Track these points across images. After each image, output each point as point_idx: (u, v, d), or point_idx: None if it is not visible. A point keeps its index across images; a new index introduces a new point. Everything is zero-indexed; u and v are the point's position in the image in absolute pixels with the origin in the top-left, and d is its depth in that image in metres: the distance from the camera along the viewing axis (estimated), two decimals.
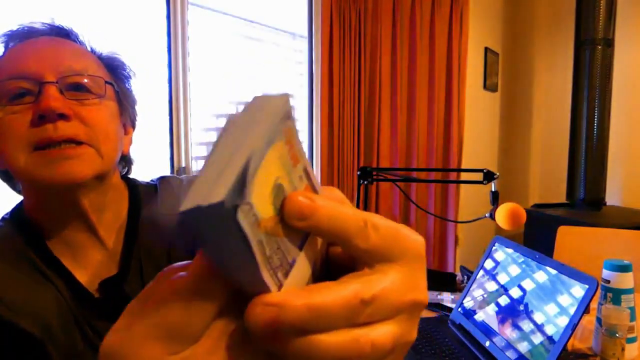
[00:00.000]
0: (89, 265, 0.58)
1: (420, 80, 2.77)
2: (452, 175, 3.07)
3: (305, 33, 2.46)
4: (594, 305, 1.00)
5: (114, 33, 1.58)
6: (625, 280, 0.99)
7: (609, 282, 1.00)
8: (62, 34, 0.58)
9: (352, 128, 2.51)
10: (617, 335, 0.91)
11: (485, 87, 3.40)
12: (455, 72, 2.87)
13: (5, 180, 0.60)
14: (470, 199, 3.15)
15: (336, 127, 2.46)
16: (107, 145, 0.55)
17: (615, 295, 0.99)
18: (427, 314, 1.24)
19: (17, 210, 0.59)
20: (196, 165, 1.95)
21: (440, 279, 1.40)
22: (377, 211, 2.67)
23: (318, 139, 2.45)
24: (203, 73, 1.95)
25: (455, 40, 2.84)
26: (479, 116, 3.36)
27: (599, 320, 0.98)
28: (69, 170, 0.51)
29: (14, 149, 0.50)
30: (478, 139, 3.36)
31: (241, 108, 0.20)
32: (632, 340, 0.97)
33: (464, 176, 2.95)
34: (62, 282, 0.55)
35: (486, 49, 3.37)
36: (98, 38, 0.65)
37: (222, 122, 2.07)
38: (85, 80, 0.54)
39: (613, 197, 2.99)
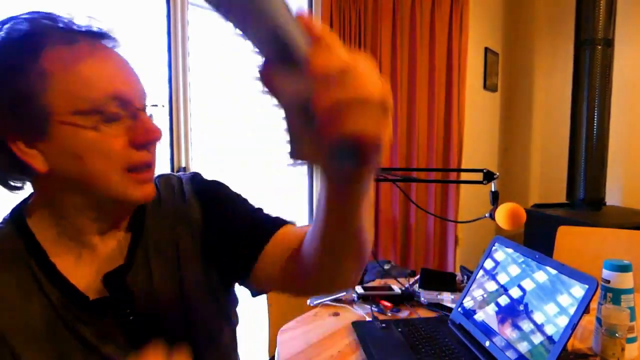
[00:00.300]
0: (98, 260, 0.60)
1: (420, 80, 2.77)
2: (452, 175, 3.07)
3: None
4: (594, 305, 1.01)
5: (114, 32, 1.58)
6: (625, 280, 0.99)
7: (609, 282, 1.00)
8: (110, 41, 0.59)
9: None
10: (617, 335, 0.91)
11: (485, 87, 3.40)
12: (455, 72, 2.87)
13: (14, 182, 0.58)
14: (470, 199, 3.15)
15: None
16: None
17: (615, 295, 0.99)
18: (427, 313, 1.24)
19: (18, 213, 0.60)
20: (196, 166, 1.95)
21: (440, 279, 1.40)
22: (377, 211, 2.67)
23: None
24: (203, 73, 1.95)
25: (455, 40, 2.84)
26: (479, 116, 3.36)
27: (599, 320, 0.98)
28: (150, 191, 0.58)
29: (107, 168, 0.53)
30: (478, 139, 3.36)
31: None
32: (632, 340, 0.97)
33: (464, 176, 2.95)
34: (57, 290, 0.56)
35: (486, 49, 3.37)
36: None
37: (222, 123, 2.07)
38: (151, 106, 0.59)
39: (613, 197, 2.99)
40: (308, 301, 1.32)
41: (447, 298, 1.31)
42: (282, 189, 2.37)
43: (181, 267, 0.63)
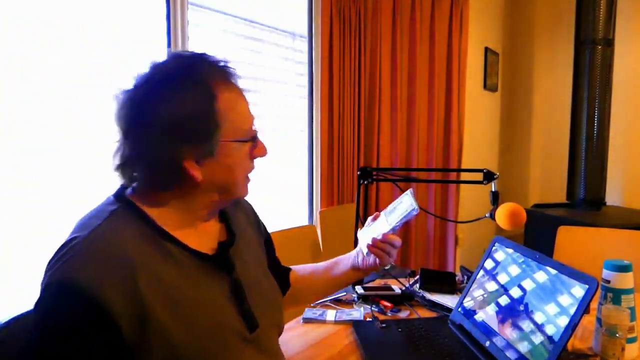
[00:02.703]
0: (209, 237, 0.78)
1: (420, 80, 2.77)
2: (452, 175, 3.08)
3: (305, 33, 2.46)
4: (594, 305, 1.00)
5: (114, 33, 1.58)
6: (625, 280, 0.99)
7: (609, 282, 1.00)
8: (238, 78, 0.76)
9: (352, 128, 2.51)
10: (617, 335, 0.91)
11: (485, 87, 3.41)
12: (455, 72, 2.87)
13: (169, 182, 0.72)
14: (470, 199, 3.15)
15: (336, 127, 2.46)
16: None
17: (615, 295, 0.99)
18: (427, 313, 1.24)
19: (124, 200, 0.71)
20: None
21: (440, 279, 1.40)
22: (377, 211, 2.66)
23: (318, 139, 2.44)
24: None
25: (455, 40, 2.84)
26: (479, 116, 3.36)
27: (599, 320, 0.98)
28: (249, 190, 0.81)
29: (241, 173, 0.77)
30: (478, 139, 3.36)
31: None
32: (632, 340, 0.97)
33: (464, 176, 2.95)
34: (181, 250, 0.70)
35: (486, 49, 3.37)
36: (98, 38, 0.66)
37: None
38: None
39: (613, 197, 2.99)
40: None
41: (447, 298, 1.31)
42: (282, 189, 2.37)
43: (253, 250, 0.88)
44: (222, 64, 0.73)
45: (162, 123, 0.66)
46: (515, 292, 1.01)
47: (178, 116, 0.67)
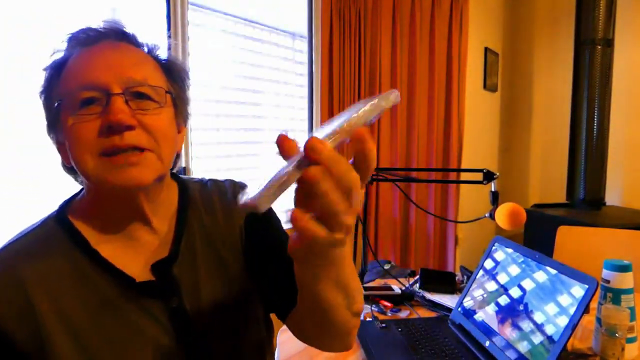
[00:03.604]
0: (143, 252, 0.63)
1: (420, 80, 2.77)
2: (452, 175, 3.07)
3: (305, 33, 2.46)
4: (594, 305, 1.01)
5: None
6: (625, 280, 0.99)
7: (609, 282, 1.00)
8: (123, 37, 0.62)
9: None
10: (617, 335, 0.91)
11: (485, 87, 3.40)
12: (455, 72, 2.87)
13: (69, 173, 0.65)
14: (470, 199, 3.15)
15: None
16: (167, 149, 0.61)
17: (615, 295, 0.99)
18: (427, 313, 1.24)
19: (61, 212, 0.63)
20: (196, 165, 1.95)
21: (440, 279, 1.40)
22: (377, 211, 2.67)
23: None
24: (203, 73, 1.95)
25: (455, 40, 2.84)
26: (479, 116, 3.36)
27: (598, 320, 0.98)
28: (133, 176, 0.56)
29: (83, 154, 0.56)
30: (478, 139, 3.36)
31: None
32: (632, 340, 0.97)
33: (464, 176, 2.95)
34: (106, 274, 0.59)
35: (486, 49, 3.37)
36: None
37: (222, 123, 2.08)
38: (148, 90, 0.59)
39: (613, 197, 2.99)
40: None
41: (447, 298, 1.31)
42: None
43: (229, 265, 0.68)
44: (96, 26, 0.62)
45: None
46: (515, 292, 1.01)
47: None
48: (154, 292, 0.61)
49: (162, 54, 0.67)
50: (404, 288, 1.37)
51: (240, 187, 0.74)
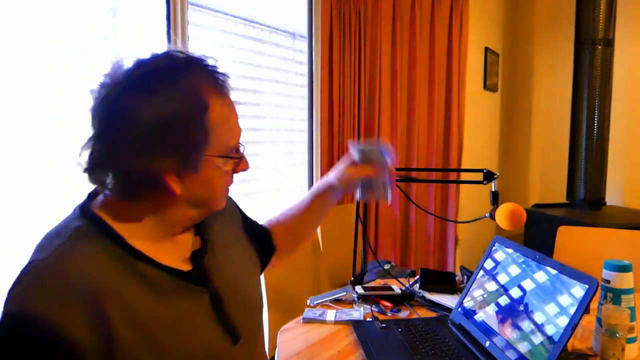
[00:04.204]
0: (175, 245, 0.71)
1: (420, 80, 2.77)
2: (452, 175, 3.07)
3: (305, 33, 2.46)
4: (594, 305, 1.00)
5: (114, 33, 1.58)
6: (625, 280, 0.99)
7: (609, 282, 1.00)
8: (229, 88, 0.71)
9: (352, 128, 2.51)
10: (617, 335, 0.91)
11: (485, 87, 3.40)
12: (455, 72, 2.87)
13: (143, 193, 0.66)
14: (470, 199, 3.15)
15: (336, 127, 2.46)
16: None
17: (615, 295, 0.99)
18: (427, 314, 1.24)
19: (90, 214, 0.65)
20: None
21: (440, 279, 1.40)
22: (377, 211, 2.67)
23: (318, 138, 2.44)
24: None
25: (455, 40, 2.84)
26: (479, 116, 3.36)
27: (599, 320, 0.98)
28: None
29: (224, 191, 0.73)
30: (478, 139, 3.36)
31: None
32: (632, 340, 0.97)
33: (464, 176, 2.95)
34: (154, 269, 0.65)
35: (486, 49, 3.37)
36: (98, 38, 0.66)
37: None
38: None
39: (613, 197, 2.99)
40: (308, 301, 1.32)
41: (447, 298, 1.31)
42: (282, 189, 2.37)
43: (239, 240, 0.86)
44: (218, 72, 0.66)
45: (143, 128, 0.58)
46: (515, 292, 1.01)
47: (163, 122, 0.59)
48: (197, 280, 0.69)
49: None
50: (404, 288, 1.37)
51: None
